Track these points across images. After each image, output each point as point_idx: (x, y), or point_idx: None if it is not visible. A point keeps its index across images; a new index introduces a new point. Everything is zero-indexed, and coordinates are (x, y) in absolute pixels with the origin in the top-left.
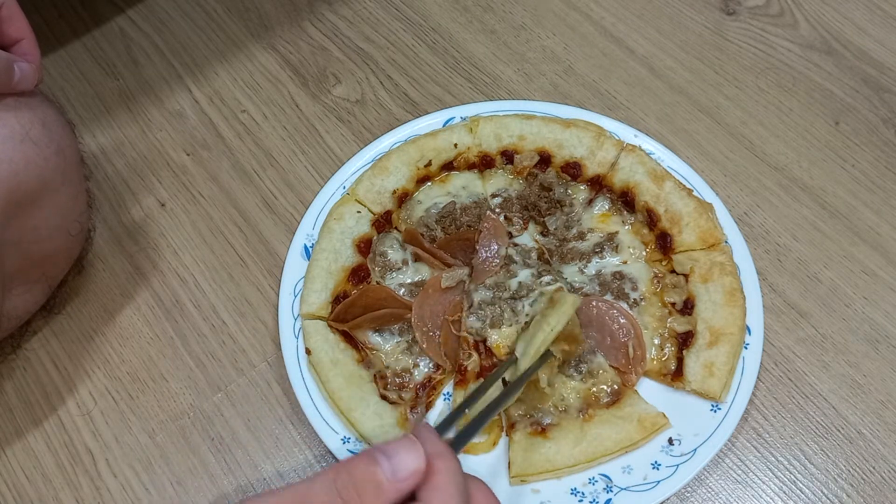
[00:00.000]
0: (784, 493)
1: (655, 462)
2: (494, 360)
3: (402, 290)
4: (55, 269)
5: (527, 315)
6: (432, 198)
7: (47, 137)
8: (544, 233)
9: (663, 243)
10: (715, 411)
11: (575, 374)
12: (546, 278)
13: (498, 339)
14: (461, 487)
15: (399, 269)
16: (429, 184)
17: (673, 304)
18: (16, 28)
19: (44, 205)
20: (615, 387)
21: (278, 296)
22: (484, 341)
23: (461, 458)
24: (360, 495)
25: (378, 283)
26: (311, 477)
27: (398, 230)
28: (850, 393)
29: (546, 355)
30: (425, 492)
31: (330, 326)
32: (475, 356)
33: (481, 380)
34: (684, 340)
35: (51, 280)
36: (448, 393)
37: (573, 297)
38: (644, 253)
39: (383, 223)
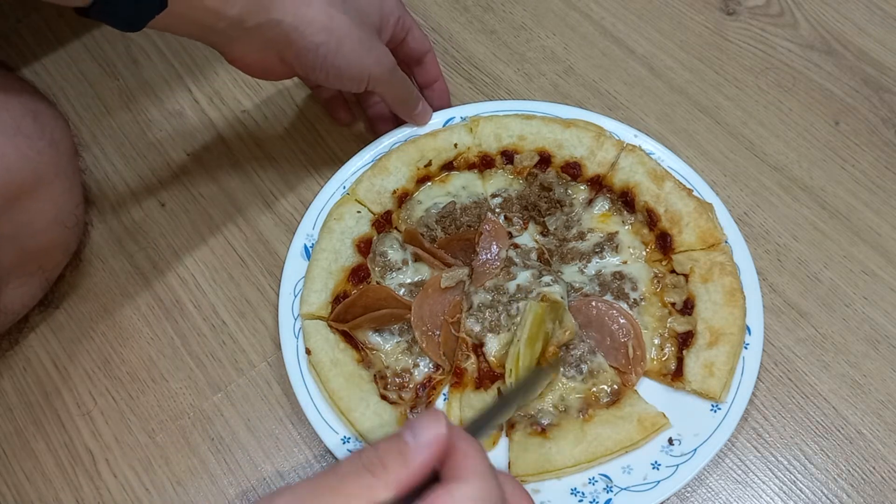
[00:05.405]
0: (784, 493)
1: (655, 462)
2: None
3: (402, 290)
4: (52, 262)
5: (514, 323)
6: (432, 198)
7: (39, 130)
8: (544, 233)
9: (663, 243)
10: (715, 411)
11: (575, 374)
12: (546, 278)
13: (495, 346)
14: (493, 473)
15: (399, 269)
16: (429, 184)
17: (673, 304)
18: (432, 73)
19: (38, 197)
20: (615, 387)
21: (278, 296)
22: (482, 345)
23: None
24: (384, 463)
25: (378, 283)
26: (338, 461)
27: (398, 230)
28: (850, 393)
29: (541, 372)
30: (453, 470)
31: (330, 326)
32: (473, 358)
33: (481, 389)
34: (684, 340)
35: (47, 274)
36: (448, 393)
37: (536, 304)
38: (644, 253)
39: (383, 223)
